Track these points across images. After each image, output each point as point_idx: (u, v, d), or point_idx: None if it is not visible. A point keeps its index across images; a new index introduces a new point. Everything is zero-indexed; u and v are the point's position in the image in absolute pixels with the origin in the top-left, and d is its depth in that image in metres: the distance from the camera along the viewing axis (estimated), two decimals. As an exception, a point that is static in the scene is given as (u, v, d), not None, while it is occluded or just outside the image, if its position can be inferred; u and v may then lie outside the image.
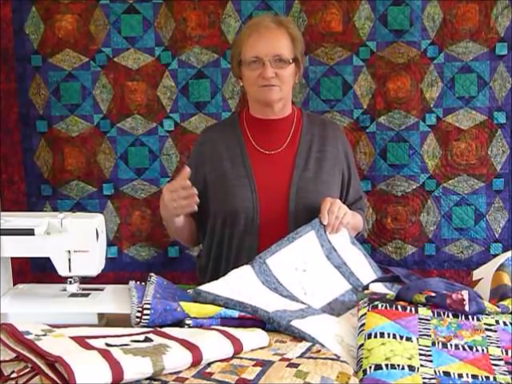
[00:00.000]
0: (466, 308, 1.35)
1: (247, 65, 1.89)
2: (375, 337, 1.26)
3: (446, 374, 1.16)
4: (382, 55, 2.47)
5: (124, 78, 2.52)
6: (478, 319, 1.34)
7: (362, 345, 1.26)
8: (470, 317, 1.34)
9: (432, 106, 2.48)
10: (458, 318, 1.34)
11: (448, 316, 1.35)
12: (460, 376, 1.16)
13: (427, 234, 2.54)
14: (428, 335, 1.27)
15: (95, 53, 2.51)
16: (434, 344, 1.25)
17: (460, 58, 2.45)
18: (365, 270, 1.72)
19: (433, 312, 1.36)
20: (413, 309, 1.36)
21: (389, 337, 1.25)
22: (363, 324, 1.32)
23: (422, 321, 1.32)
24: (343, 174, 2.03)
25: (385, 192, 2.53)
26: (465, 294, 1.37)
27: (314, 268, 1.66)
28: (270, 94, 1.91)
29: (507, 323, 1.33)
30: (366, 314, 1.35)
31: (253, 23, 1.96)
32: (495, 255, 2.22)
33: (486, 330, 1.30)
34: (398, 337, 1.25)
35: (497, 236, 2.53)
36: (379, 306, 1.37)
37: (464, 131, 2.49)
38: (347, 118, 2.50)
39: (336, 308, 1.56)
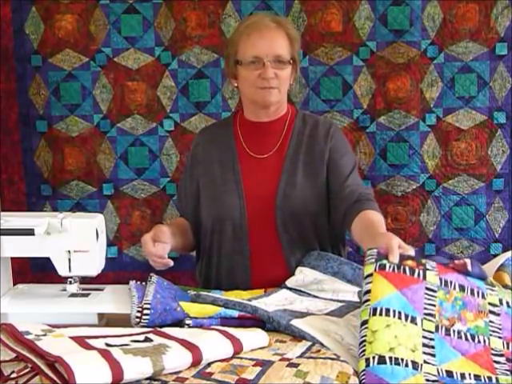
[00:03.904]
0: (469, 268, 1.37)
1: (246, 65, 1.85)
2: (380, 314, 1.23)
3: (449, 373, 1.16)
4: (382, 55, 2.46)
5: (124, 78, 2.52)
6: (483, 296, 1.35)
7: (366, 322, 1.23)
8: (475, 292, 1.35)
9: (432, 106, 2.47)
10: (464, 291, 1.34)
11: (455, 288, 1.34)
12: (463, 376, 1.16)
13: (427, 234, 2.53)
14: (432, 315, 1.27)
15: (95, 53, 2.50)
16: (437, 329, 1.25)
17: (460, 58, 2.45)
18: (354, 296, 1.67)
19: (440, 280, 1.34)
20: (421, 272, 1.33)
21: (394, 316, 1.24)
22: (369, 291, 1.27)
23: (429, 292, 1.31)
24: (327, 166, 1.89)
25: (385, 192, 2.52)
26: (467, 260, 1.41)
27: (299, 301, 1.63)
28: (269, 96, 1.86)
29: (510, 305, 1.35)
30: (372, 274, 1.30)
31: (252, 22, 1.89)
32: (495, 255, 2.23)
33: (490, 312, 1.31)
34: (403, 316, 1.24)
35: (497, 236, 2.52)
36: (387, 266, 1.32)
37: (464, 131, 2.48)
38: (347, 117, 2.50)
39: (335, 311, 1.55)
